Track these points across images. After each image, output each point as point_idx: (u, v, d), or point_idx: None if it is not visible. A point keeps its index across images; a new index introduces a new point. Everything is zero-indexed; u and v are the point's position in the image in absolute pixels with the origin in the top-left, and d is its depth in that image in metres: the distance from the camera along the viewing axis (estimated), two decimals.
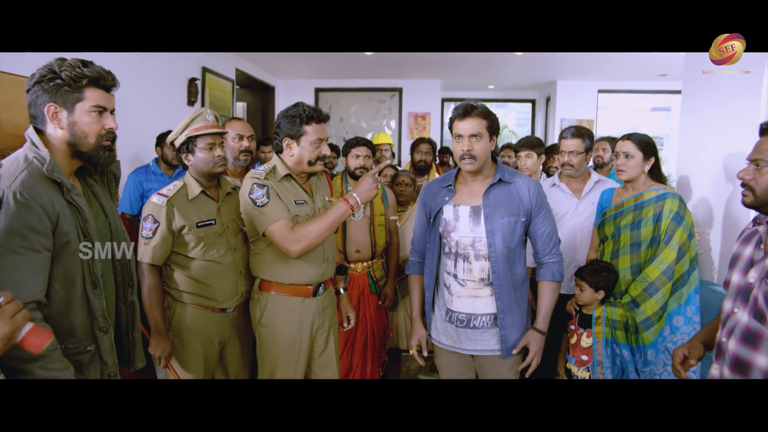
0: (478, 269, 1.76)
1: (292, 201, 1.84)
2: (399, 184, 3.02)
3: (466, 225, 1.77)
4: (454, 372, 1.89)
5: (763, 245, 1.22)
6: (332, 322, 2.03)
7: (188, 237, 1.86)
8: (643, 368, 1.96)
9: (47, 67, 1.25)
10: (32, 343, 0.88)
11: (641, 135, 2.10)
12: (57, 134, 1.27)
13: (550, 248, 1.81)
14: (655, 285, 1.91)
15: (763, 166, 1.17)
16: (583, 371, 2.11)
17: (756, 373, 1.15)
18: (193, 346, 1.91)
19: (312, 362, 1.99)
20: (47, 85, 1.24)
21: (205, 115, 1.92)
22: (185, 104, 4.38)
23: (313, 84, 6.87)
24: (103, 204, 1.42)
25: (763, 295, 1.14)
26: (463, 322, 1.80)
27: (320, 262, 1.90)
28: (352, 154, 2.69)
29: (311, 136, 1.81)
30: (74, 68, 1.24)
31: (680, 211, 1.97)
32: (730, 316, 1.25)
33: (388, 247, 2.78)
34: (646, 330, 1.91)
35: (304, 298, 1.88)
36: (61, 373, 1.13)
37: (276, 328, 1.86)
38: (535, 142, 2.97)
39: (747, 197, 1.22)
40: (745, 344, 1.18)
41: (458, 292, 1.80)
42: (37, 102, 1.26)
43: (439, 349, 1.91)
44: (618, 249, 2.08)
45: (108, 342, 1.31)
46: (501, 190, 1.77)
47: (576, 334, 2.14)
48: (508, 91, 8.11)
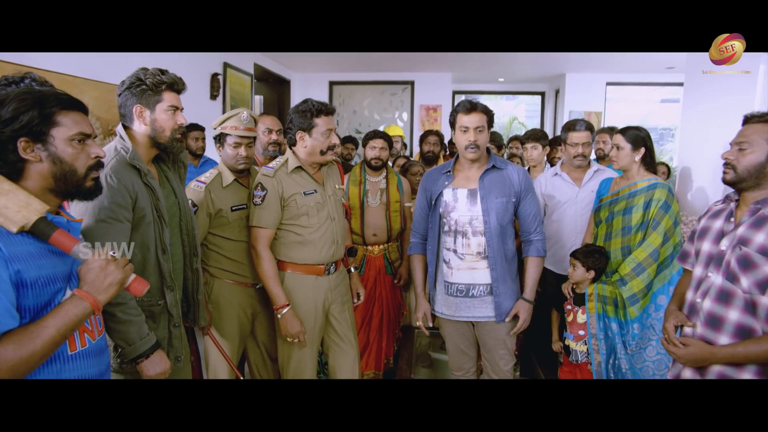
0: (475, 244, 2.00)
1: (301, 192, 2.03)
2: (413, 174, 3.24)
3: (464, 205, 2.02)
4: (457, 338, 2.13)
5: (733, 218, 1.44)
6: (345, 299, 2.23)
7: (223, 220, 2.10)
8: (630, 341, 2.17)
9: (135, 76, 1.52)
10: (136, 288, 1.10)
11: (633, 128, 2.30)
12: (141, 129, 1.55)
13: (535, 227, 2.07)
14: (642, 265, 2.12)
15: (746, 148, 1.38)
16: (581, 345, 2.32)
17: (728, 326, 1.37)
18: (229, 316, 2.16)
19: (331, 333, 2.21)
20: (135, 90, 1.52)
21: (241, 116, 2.14)
22: (208, 98, 4.62)
23: (327, 77, 7.04)
24: (174, 186, 1.68)
25: (735, 259, 1.36)
26: (462, 292, 2.03)
27: (330, 244, 2.10)
28: (370, 145, 2.93)
29: (321, 128, 2.01)
30: (155, 76, 1.52)
31: (668, 201, 2.17)
32: (703, 280, 1.46)
33: (403, 232, 3.01)
34: (632, 305, 2.13)
35: (317, 276, 2.09)
36: (135, 318, 1.40)
37: (292, 303, 2.05)
38: (540, 135, 3.17)
39: (728, 174, 1.43)
40: (719, 302, 1.40)
41: (458, 265, 2.03)
42: (127, 103, 1.54)
43: (442, 320, 2.15)
44: (611, 232, 2.29)
45: (173, 298, 1.57)
46: (494, 175, 2.02)
47: (572, 313, 2.36)
48: (518, 84, 8.21)
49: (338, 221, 2.14)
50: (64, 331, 0.97)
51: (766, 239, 1.32)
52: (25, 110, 1.00)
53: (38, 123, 1.01)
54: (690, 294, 1.51)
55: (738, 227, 1.40)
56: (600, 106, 6.95)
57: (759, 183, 1.38)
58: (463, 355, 2.16)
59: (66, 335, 0.99)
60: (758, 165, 1.36)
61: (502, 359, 2.06)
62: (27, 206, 0.98)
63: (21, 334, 0.93)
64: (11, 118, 0.99)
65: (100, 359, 1.15)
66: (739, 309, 1.35)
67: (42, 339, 0.94)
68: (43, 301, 1.00)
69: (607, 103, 7.03)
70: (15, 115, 0.99)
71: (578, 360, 2.32)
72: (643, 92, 7.40)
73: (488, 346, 2.07)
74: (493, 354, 2.07)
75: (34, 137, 1.02)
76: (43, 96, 1.04)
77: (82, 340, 1.08)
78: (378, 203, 2.90)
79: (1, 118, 0.99)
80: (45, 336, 0.94)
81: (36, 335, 0.94)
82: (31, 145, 1.02)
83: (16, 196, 0.98)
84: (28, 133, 1.01)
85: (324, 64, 6.49)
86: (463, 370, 2.18)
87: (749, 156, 1.37)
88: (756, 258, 1.32)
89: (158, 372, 1.44)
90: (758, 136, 1.37)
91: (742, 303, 1.34)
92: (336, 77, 7.03)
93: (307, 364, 2.11)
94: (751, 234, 1.35)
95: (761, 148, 1.36)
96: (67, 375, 1.05)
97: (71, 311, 0.98)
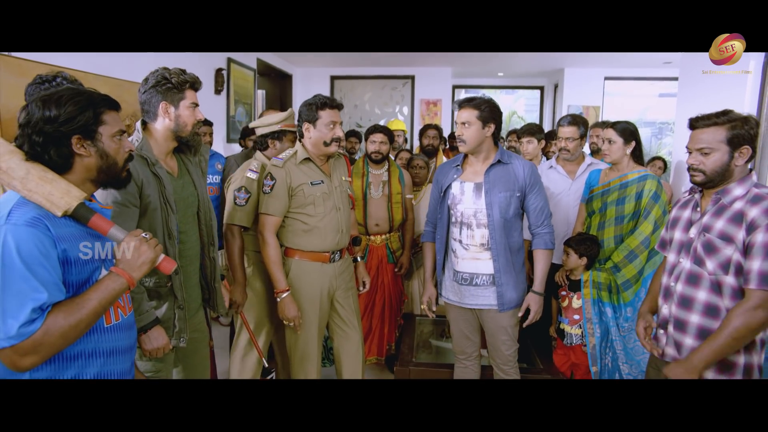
0: (479, 236, 2.08)
1: (309, 182, 2.14)
2: (414, 167, 3.34)
3: (469, 198, 2.10)
4: (461, 323, 2.23)
5: (699, 208, 1.57)
6: (349, 286, 2.34)
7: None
8: (623, 324, 2.29)
9: (161, 75, 1.63)
10: (165, 266, 1.20)
11: (623, 123, 2.40)
12: (165, 124, 1.65)
13: (542, 220, 2.11)
14: (635, 252, 2.24)
15: (708, 152, 1.50)
16: (576, 328, 2.44)
17: (697, 305, 1.51)
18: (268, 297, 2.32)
19: (336, 318, 2.32)
20: (161, 88, 1.62)
21: (294, 116, 2.34)
22: (213, 93, 4.71)
23: (328, 72, 7.10)
24: (194, 178, 1.78)
25: (701, 245, 1.51)
26: (466, 280, 2.13)
27: (335, 233, 2.21)
28: (370, 140, 3.03)
29: (325, 119, 2.11)
30: (179, 75, 1.63)
31: (657, 191, 2.28)
32: (676, 266, 1.60)
33: (404, 222, 3.12)
34: (625, 290, 2.24)
35: (322, 263, 2.20)
36: (137, 295, 1.52)
37: (299, 287, 2.17)
38: (536, 129, 3.26)
39: (698, 177, 1.54)
40: (688, 284, 1.54)
41: (463, 255, 2.12)
42: (152, 101, 1.63)
43: (448, 305, 2.25)
44: (604, 222, 2.40)
45: (178, 281, 1.67)
46: (500, 170, 2.08)
47: (568, 298, 2.47)
48: (517, 78, 8.29)
49: (344, 211, 2.25)
50: (104, 303, 1.09)
51: (724, 226, 1.46)
52: (81, 111, 1.12)
53: (92, 122, 1.13)
54: (665, 278, 1.65)
55: (703, 216, 1.53)
56: (598, 101, 7.03)
57: (725, 179, 1.50)
58: (467, 340, 2.25)
59: (105, 307, 1.10)
60: (723, 165, 1.48)
61: (504, 344, 2.15)
62: (68, 193, 1.09)
63: (68, 305, 1.05)
64: (70, 118, 1.10)
65: (130, 332, 1.27)
66: (707, 290, 1.50)
67: (86, 309, 1.06)
68: (84, 278, 1.11)
69: (605, 97, 7.11)
70: (73, 115, 1.10)
71: (572, 343, 2.44)
72: (641, 87, 7.47)
73: (492, 331, 2.16)
74: (496, 339, 2.16)
75: (86, 135, 1.13)
76: (92, 97, 1.16)
77: (116, 315, 1.19)
78: (380, 195, 3.00)
79: (59, 118, 1.09)
80: (89, 306, 1.06)
81: (81, 306, 1.05)
82: (83, 141, 1.13)
83: (59, 184, 1.09)
84: (82, 131, 1.12)
85: (325, 60, 6.56)
86: (466, 354, 2.27)
87: (713, 158, 1.49)
88: (717, 243, 1.46)
89: (156, 346, 1.55)
90: (715, 139, 1.48)
91: (708, 284, 1.49)
92: (337, 72, 7.10)
93: (313, 348, 2.22)
94: (713, 222, 1.49)
95: (721, 149, 1.48)
96: (104, 345, 1.16)
97: (110, 286, 1.10)
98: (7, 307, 0.98)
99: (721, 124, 1.48)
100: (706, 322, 1.49)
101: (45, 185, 1.07)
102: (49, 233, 1.04)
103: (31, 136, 1.09)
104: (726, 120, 1.48)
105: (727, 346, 1.43)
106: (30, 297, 0.99)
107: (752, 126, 1.47)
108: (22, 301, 0.98)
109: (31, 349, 0.99)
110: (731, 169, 1.49)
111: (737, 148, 1.46)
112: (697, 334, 1.51)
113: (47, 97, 1.11)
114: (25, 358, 1.00)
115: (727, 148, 1.47)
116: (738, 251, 1.42)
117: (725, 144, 1.47)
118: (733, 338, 1.40)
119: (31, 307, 0.99)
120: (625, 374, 2.30)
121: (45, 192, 1.06)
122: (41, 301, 1.00)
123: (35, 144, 1.09)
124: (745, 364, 1.48)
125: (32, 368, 1.03)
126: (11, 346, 0.98)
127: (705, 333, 1.49)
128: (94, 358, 1.14)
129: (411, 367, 2.53)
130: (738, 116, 1.48)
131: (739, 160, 1.47)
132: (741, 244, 1.41)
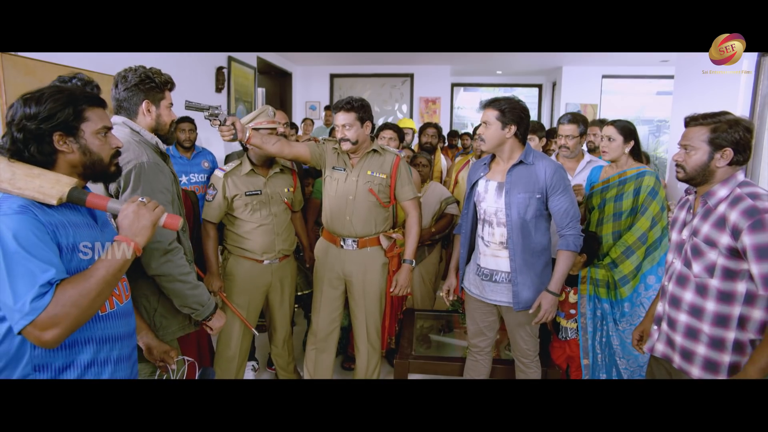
0: (499, 234, 2.10)
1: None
2: (417, 165, 3.38)
3: (492, 197, 2.11)
4: (478, 315, 2.27)
5: (692, 209, 1.61)
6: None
7: (238, 203, 2.35)
8: (620, 319, 2.34)
9: (144, 74, 1.65)
10: (170, 223, 1.20)
11: (623, 121, 2.43)
12: (146, 122, 1.68)
13: (567, 222, 2.04)
14: (632, 248, 2.28)
15: (690, 150, 1.54)
16: (571, 322, 2.48)
17: (684, 305, 1.56)
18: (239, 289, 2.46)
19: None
20: (144, 86, 1.64)
21: (268, 112, 2.36)
22: (214, 91, 4.74)
23: (328, 70, 7.14)
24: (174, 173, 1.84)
25: (690, 247, 1.55)
26: (487, 276, 2.17)
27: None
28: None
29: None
30: (160, 75, 1.67)
31: (655, 187, 2.31)
32: (670, 266, 1.65)
33: None
34: (623, 286, 2.28)
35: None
36: (200, 284, 1.70)
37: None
38: (537, 127, 3.28)
39: (680, 173, 1.59)
40: (677, 285, 1.59)
41: (484, 251, 2.16)
42: (134, 99, 1.65)
43: (469, 297, 2.29)
44: (602, 218, 2.44)
45: (187, 245, 1.79)
46: (522, 170, 2.06)
47: (564, 293, 2.52)
48: (515, 77, 8.33)
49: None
50: (113, 271, 1.09)
51: (709, 230, 1.48)
52: (61, 108, 1.13)
53: (72, 119, 1.14)
54: (664, 278, 1.70)
55: (694, 218, 1.57)
56: (596, 99, 7.08)
57: (706, 179, 1.53)
58: (481, 334, 2.29)
59: (116, 276, 1.10)
60: (702, 164, 1.51)
61: (522, 339, 2.19)
62: (58, 182, 1.11)
63: (76, 277, 1.06)
64: (50, 115, 1.11)
65: (128, 321, 1.29)
66: (692, 291, 1.53)
67: (95, 278, 1.06)
68: (83, 266, 1.12)
69: (603, 95, 7.16)
70: (53, 112, 1.12)
71: (567, 337, 2.49)
72: (638, 85, 7.51)
73: (510, 326, 2.21)
74: (515, 334, 2.20)
75: (67, 131, 1.14)
76: (73, 94, 1.17)
77: (110, 303, 1.21)
78: None
79: (40, 115, 1.10)
80: (97, 275, 1.07)
81: (89, 275, 1.06)
82: (64, 138, 1.14)
83: (47, 176, 1.11)
84: (63, 127, 1.14)
85: (325, 58, 6.59)
86: (479, 348, 2.32)
87: (694, 157, 1.52)
88: (703, 247, 1.49)
89: (220, 325, 1.78)
90: (698, 138, 1.52)
91: (694, 286, 1.53)
92: (337, 70, 7.14)
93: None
94: (700, 225, 1.52)
95: (702, 148, 1.51)
96: (100, 332, 1.18)
97: (115, 254, 1.10)
98: (16, 289, 1.00)
99: (705, 125, 1.51)
100: (693, 322, 1.53)
101: (33, 180, 1.09)
102: (38, 219, 1.05)
103: (13, 133, 1.11)
104: (711, 121, 1.51)
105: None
106: (37, 275, 1.00)
107: (738, 130, 1.47)
108: (30, 280, 1.00)
109: (49, 322, 1.00)
110: (712, 170, 1.51)
111: (719, 150, 1.49)
112: (685, 333, 1.56)
113: (29, 95, 1.13)
114: (46, 333, 1.01)
115: (708, 148, 1.50)
116: (722, 255, 1.44)
117: (707, 144, 1.50)
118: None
119: (39, 283, 1.00)
120: (622, 369, 2.35)
121: (35, 186, 1.08)
122: (49, 276, 1.01)
123: (17, 141, 1.11)
124: (731, 363, 1.48)
125: (58, 342, 1.03)
126: (30, 323, 1.00)
127: (692, 332, 1.53)
128: (90, 344, 1.16)
129: (410, 360, 2.58)
130: (726, 119, 1.50)
131: (720, 162, 1.49)
132: (725, 249, 1.43)
